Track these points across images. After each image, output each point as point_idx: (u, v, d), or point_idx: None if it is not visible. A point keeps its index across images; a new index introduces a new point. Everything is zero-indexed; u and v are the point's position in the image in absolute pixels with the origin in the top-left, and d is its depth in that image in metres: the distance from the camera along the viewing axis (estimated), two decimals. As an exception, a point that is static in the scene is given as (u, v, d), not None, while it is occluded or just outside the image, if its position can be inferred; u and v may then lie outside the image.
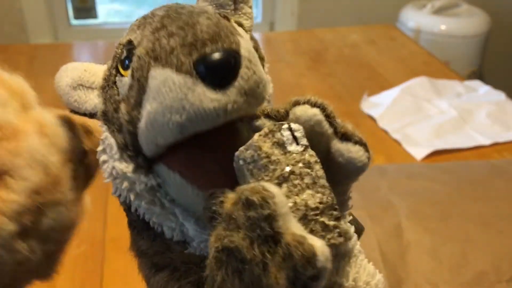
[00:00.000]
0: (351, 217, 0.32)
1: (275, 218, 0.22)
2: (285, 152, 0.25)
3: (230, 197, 0.23)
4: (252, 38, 0.30)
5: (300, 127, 0.26)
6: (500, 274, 0.54)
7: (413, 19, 1.72)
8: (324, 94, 0.99)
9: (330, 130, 0.27)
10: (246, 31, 0.30)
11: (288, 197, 0.24)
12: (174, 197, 0.28)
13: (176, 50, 0.24)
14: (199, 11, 0.26)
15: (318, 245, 0.21)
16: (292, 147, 0.25)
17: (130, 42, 0.28)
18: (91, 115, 0.31)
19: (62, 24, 1.77)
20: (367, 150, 0.28)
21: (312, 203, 0.24)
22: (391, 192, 0.65)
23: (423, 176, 0.70)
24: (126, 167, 0.28)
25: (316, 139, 0.27)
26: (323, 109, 0.27)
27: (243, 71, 0.24)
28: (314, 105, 0.27)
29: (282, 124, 0.26)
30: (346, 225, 0.25)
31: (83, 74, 0.31)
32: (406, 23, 1.74)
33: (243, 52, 0.25)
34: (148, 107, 0.25)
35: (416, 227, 0.59)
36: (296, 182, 0.25)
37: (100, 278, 0.56)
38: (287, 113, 0.28)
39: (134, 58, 0.27)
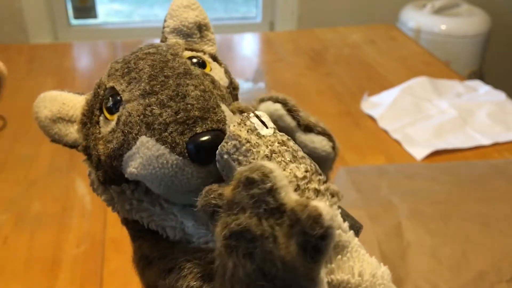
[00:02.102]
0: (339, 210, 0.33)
1: (277, 190, 0.23)
2: (260, 136, 0.27)
3: (228, 186, 0.24)
4: (221, 64, 0.32)
5: (264, 113, 0.27)
6: (501, 274, 0.54)
7: (413, 19, 1.72)
8: (324, 94, 0.99)
9: (293, 123, 0.28)
10: (220, 63, 0.32)
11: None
12: (164, 195, 0.30)
13: (170, 128, 0.26)
14: (185, 71, 0.28)
15: (322, 205, 0.22)
16: (264, 131, 0.27)
17: (114, 89, 0.29)
18: (72, 147, 0.32)
19: (62, 24, 1.77)
20: (331, 140, 0.29)
21: (299, 173, 0.26)
22: (391, 192, 0.65)
23: (423, 176, 0.69)
24: (119, 189, 0.31)
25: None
26: (284, 104, 0.28)
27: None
28: (276, 100, 0.28)
29: (249, 113, 0.27)
30: (334, 186, 0.26)
31: (62, 107, 0.32)
32: (406, 23, 1.74)
33: (227, 128, 0.27)
34: (134, 170, 0.28)
35: (416, 227, 0.59)
36: (279, 159, 0.26)
37: (100, 278, 0.56)
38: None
39: (123, 111, 0.28)
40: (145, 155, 0.27)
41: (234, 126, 0.27)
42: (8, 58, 1.12)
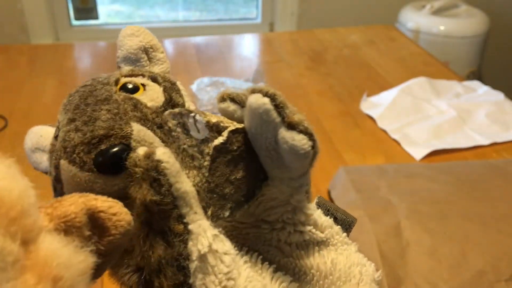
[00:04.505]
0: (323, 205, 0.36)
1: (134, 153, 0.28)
2: (187, 134, 0.30)
3: None
4: (165, 81, 0.34)
5: (203, 121, 0.30)
6: (499, 273, 0.54)
7: (413, 19, 1.73)
8: (324, 94, 0.99)
9: (278, 119, 0.29)
10: (160, 83, 0.34)
11: (180, 164, 0.29)
12: None
13: (78, 149, 0.30)
14: (105, 98, 0.31)
15: (159, 148, 0.28)
16: (193, 133, 0.30)
17: (58, 122, 0.33)
18: (46, 173, 0.35)
19: (63, 24, 1.77)
20: (312, 139, 0.29)
21: (191, 180, 0.30)
22: (391, 192, 0.66)
23: (422, 176, 0.70)
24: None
25: (264, 125, 0.29)
26: (273, 98, 0.29)
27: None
28: (265, 94, 0.29)
29: (190, 112, 0.30)
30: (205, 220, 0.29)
31: (39, 139, 0.36)
32: (406, 23, 1.75)
33: (134, 143, 0.30)
34: (64, 190, 0.31)
35: (415, 227, 0.59)
36: (187, 159, 0.30)
37: (101, 278, 0.56)
38: (238, 102, 0.32)
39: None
40: (64, 176, 0.30)
41: (170, 112, 0.30)
42: (9, 59, 1.12)
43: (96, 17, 1.81)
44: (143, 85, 0.33)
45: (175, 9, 2.34)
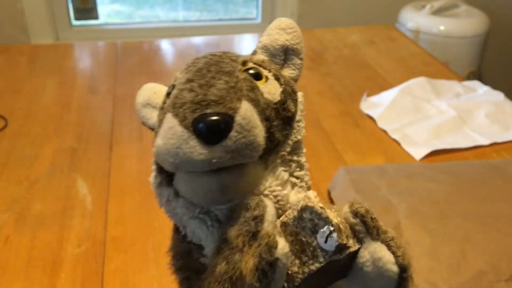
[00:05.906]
0: None
1: (262, 219, 0.28)
2: (313, 234, 0.30)
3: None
4: (287, 85, 0.35)
5: (336, 241, 0.29)
6: (499, 273, 0.54)
7: (413, 19, 1.73)
8: (324, 94, 0.99)
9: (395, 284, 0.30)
10: (281, 84, 0.35)
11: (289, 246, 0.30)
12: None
13: (186, 106, 0.30)
14: (228, 71, 0.32)
15: (282, 241, 0.28)
16: (319, 240, 0.30)
17: (175, 79, 0.33)
18: (153, 129, 0.36)
19: (63, 24, 1.77)
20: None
21: (294, 266, 0.30)
22: (391, 192, 0.66)
23: (422, 176, 0.70)
24: (156, 179, 0.34)
25: (380, 281, 0.30)
26: (404, 270, 0.30)
27: (232, 134, 0.29)
28: (398, 261, 0.30)
29: (329, 223, 0.30)
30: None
31: (152, 96, 0.37)
32: (406, 23, 1.75)
33: (239, 118, 0.29)
34: (157, 141, 0.31)
35: (415, 227, 0.59)
36: (297, 248, 0.30)
37: (101, 277, 0.56)
38: (368, 232, 0.32)
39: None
40: (163, 127, 0.30)
41: (318, 209, 0.30)
42: (9, 59, 1.13)
43: (96, 17, 1.81)
44: (266, 78, 0.34)
45: (175, 9, 2.35)
